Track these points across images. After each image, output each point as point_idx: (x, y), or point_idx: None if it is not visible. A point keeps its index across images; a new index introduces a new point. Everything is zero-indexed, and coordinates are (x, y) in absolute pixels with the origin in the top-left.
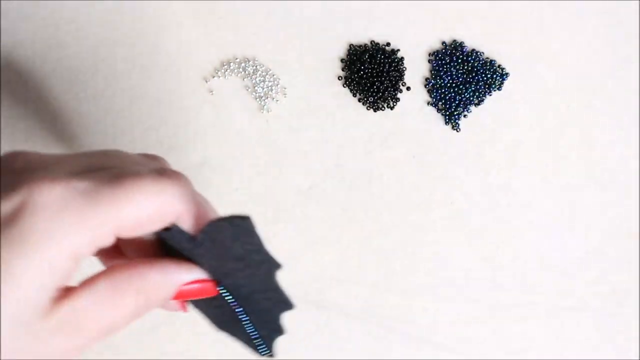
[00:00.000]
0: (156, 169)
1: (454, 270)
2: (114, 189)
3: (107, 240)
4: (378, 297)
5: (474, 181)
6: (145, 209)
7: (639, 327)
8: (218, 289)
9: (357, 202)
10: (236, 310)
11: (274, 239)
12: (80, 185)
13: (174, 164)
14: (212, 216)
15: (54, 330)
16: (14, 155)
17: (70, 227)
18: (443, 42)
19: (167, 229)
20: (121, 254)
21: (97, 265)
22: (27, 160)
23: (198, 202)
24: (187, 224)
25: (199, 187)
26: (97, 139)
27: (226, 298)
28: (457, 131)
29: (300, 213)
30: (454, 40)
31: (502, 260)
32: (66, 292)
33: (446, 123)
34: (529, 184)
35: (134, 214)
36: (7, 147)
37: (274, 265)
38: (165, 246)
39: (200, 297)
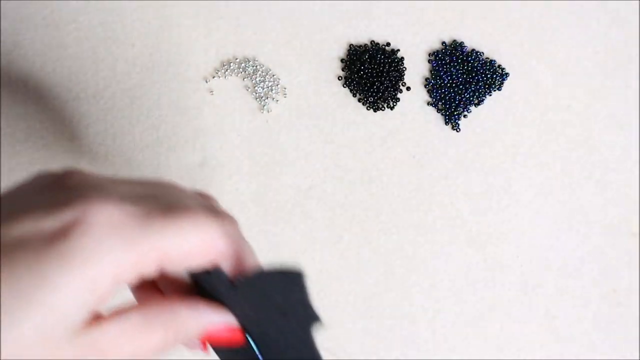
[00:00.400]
0: (207, 206)
1: (454, 270)
2: (165, 218)
3: (150, 269)
4: (378, 297)
5: (474, 181)
6: (192, 242)
7: (639, 327)
8: (246, 338)
9: (357, 202)
10: None
11: (274, 239)
12: (133, 209)
13: (174, 164)
14: (253, 262)
15: (79, 352)
16: (69, 173)
17: (117, 249)
18: (443, 42)
19: (204, 271)
20: (156, 290)
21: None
22: (82, 179)
23: (242, 246)
24: (227, 267)
25: (199, 187)
26: (97, 139)
27: (252, 349)
28: (457, 131)
29: (300, 213)
30: (454, 40)
31: (502, 260)
32: (97, 318)
33: (446, 123)
34: (529, 184)
35: (181, 245)
36: (7, 147)
37: (314, 320)
38: (198, 287)
39: (226, 344)
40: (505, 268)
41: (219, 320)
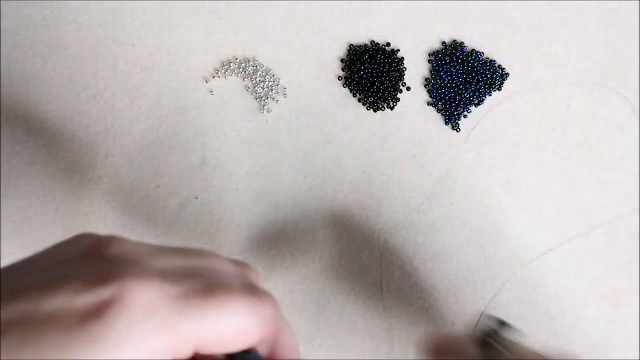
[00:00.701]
0: (248, 284)
1: (454, 270)
2: (205, 301)
3: (186, 352)
4: (378, 297)
5: (474, 181)
6: (232, 327)
7: (639, 327)
8: None
9: (357, 202)
10: None
11: (273, 239)
12: (172, 290)
13: (174, 163)
14: (291, 346)
15: None
16: (109, 240)
17: (153, 333)
18: (443, 42)
19: (244, 353)
20: None
21: None
22: (121, 250)
23: (282, 329)
24: (264, 349)
25: (199, 187)
26: (97, 139)
27: None
28: (457, 131)
29: (300, 213)
30: (454, 40)
31: (502, 260)
32: None
33: (446, 123)
34: (529, 183)
35: (220, 330)
36: (7, 147)
37: None
38: None
39: None
40: (505, 268)
41: None
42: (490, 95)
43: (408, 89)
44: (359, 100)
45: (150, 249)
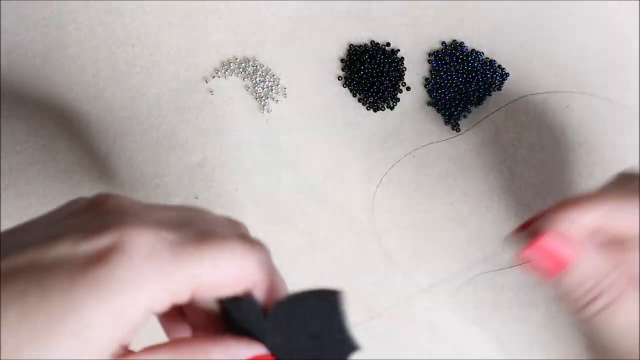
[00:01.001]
0: (241, 233)
1: (454, 269)
2: (200, 246)
3: (183, 297)
4: (378, 298)
5: (474, 181)
6: (227, 271)
7: (639, 327)
8: None
9: (357, 202)
10: None
11: (274, 239)
12: (170, 236)
13: (174, 164)
14: (284, 292)
15: None
16: (104, 197)
17: (152, 276)
18: (443, 42)
19: (236, 300)
20: (182, 317)
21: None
22: (118, 204)
23: (274, 275)
24: (259, 295)
25: (199, 187)
26: (97, 139)
27: None
28: (457, 131)
29: (300, 213)
30: (454, 40)
31: (501, 260)
32: (125, 353)
33: (446, 123)
34: (529, 183)
35: (216, 274)
36: (7, 147)
37: (351, 347)
38: (227, 315)
39: None
40: (505, 268)
41: (248, 354)
42: (490, 95)
43: (408, 89)
44: (359, 100)
45: (144, 204)
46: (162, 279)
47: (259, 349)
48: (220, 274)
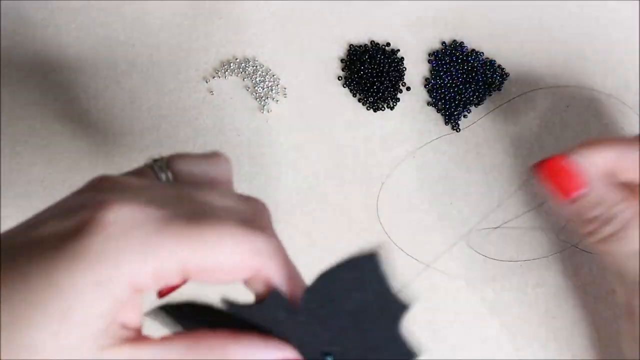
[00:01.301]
0: (247, 219)
1: (454, 270)
2: (188, 226)
3: (172, 278)
4: None
5: (474, 181)
6: (220, 255)
7: (639, 327)
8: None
9: (357, 202)
10: None
11: None
12: (155, 212)
13: None
14: (302, 284)
15: None
16: (101, 178)
17: (132, 252)
18: (443, 42)
19: (258, 301)
20: None
21: None
22: (112, 183)
23: (289, 266)
24: (285, 289)
25: None
26: (97, 139)
27: None
28: (457, 131)
29: (300, 213)
30: (454, 40)
31: (501, 260)
32: (139, 338)
33: (446, 123)
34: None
35: (205, 258)
36: (7, 147)
37: (400, 308)
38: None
39: None
40: (505, 268)
41: (276, 357)
42: (490, 95)
43: (408, 89)
44: (359, 100)
45: (144, 183)
46: (142, 253)
47: (290, 353)
48: (210, 259)
